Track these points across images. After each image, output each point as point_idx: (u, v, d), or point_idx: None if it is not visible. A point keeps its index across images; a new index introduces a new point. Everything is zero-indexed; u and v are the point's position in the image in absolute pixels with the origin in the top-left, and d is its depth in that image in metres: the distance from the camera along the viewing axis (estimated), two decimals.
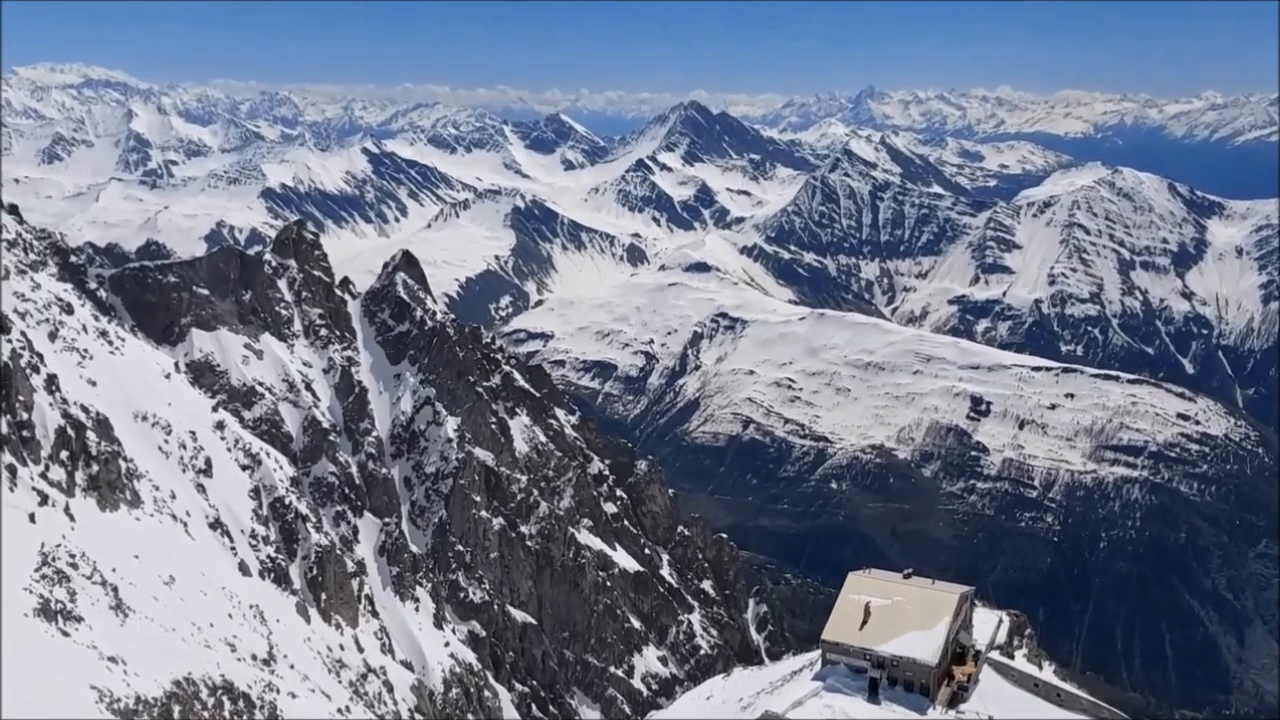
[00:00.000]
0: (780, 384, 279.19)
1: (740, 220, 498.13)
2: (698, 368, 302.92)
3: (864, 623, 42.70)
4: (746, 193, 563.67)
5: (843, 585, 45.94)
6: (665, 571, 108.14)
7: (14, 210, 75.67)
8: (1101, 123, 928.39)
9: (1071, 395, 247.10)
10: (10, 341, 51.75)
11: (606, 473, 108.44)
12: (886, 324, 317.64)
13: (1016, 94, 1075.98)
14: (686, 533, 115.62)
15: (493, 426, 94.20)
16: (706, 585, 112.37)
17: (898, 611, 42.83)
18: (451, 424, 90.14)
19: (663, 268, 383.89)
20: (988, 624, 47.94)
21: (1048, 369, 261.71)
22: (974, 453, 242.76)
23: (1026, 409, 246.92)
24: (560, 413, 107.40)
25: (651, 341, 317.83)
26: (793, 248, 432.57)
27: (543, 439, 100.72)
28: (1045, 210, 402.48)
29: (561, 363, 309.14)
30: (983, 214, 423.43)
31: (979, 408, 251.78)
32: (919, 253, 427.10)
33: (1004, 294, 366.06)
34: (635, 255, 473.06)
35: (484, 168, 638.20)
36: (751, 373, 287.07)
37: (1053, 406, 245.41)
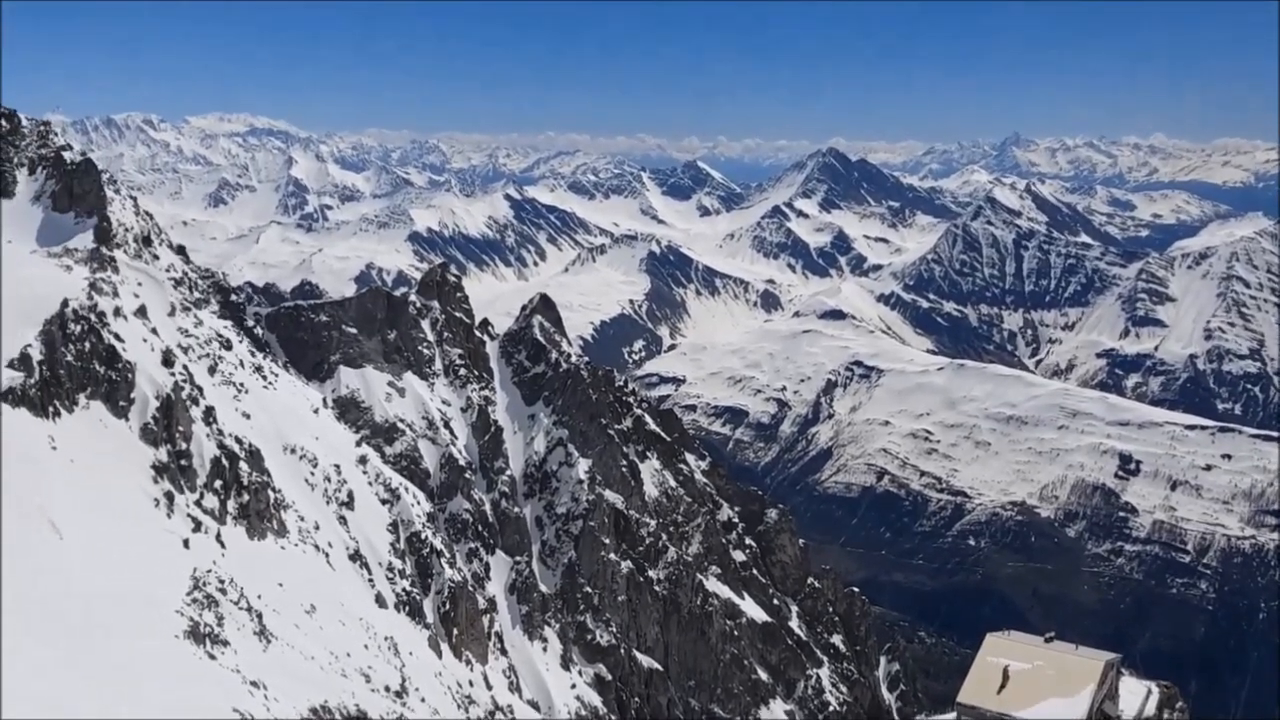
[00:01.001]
0: (917, 435, 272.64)
1: (878, 268, 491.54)
2: (831, 416, 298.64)
3: (1002, 686, 40.81)
4: (884, 240, 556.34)
5: (980, 646, 44.12)
6: (794, 623, 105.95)
7: (181, 250, 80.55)
8: (1263, 172, 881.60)
9: (1229, 456, 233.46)
10: (174, 375, 54.81)
11: (736, 520, 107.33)
12: (1030, 376, 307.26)
13: (1171, 142, 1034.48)
14: (817, 585, 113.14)
15: (623, 469, 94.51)
16: (837, 640, 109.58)
17: (1038, 677, 40.83)
18: (583, 465, 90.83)
19: (797, 314, 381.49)
20: (1135, 695, 45.20)
21: (1203, 428, 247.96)
22: (1122, 513, 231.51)
23: (1179, 469, 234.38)
24: (691, 458, 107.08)
25: (784, 388, 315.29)
26: (932, 296, 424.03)
27: (673, 483, 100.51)
28: (1201, 262, 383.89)
29: (693, 407, 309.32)
30: (1134, 265, 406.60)
31: (1128, 466, 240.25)
32: (1065, 304, 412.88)
33: (1156, 348, 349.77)
34: (769, 301, 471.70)
35: (621, 213, 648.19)
36: (887, 423, 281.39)
37: (1208, 467, 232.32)
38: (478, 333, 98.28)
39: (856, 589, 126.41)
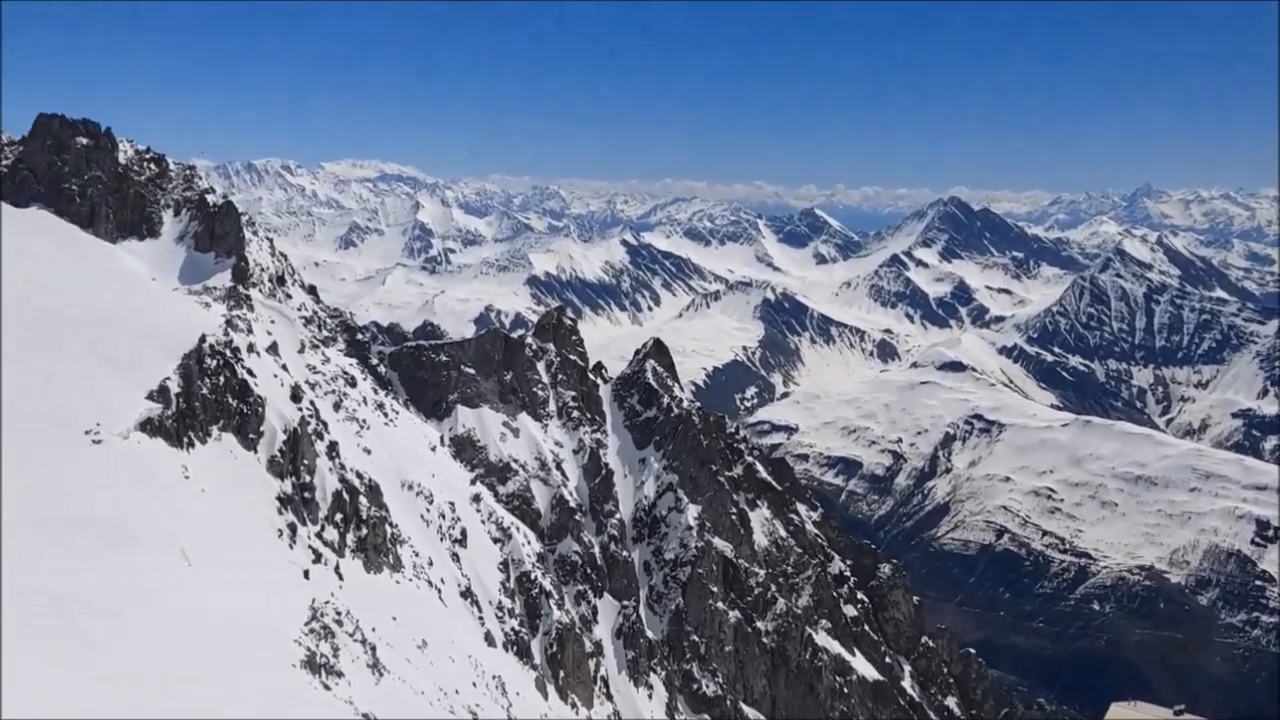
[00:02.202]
0: (1039, 493, 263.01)
1: (999, 319, 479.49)
2: (948, 470, 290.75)
3: None
4: (1007, 291, 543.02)
5: (1104, 716, 42.04)
6: (907, 683, 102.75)
7: (312, 290, 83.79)
8: None
9: None
10: (301, 410, 56.76)
11: (848, 574, 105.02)
12: (1160, 435, 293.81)
13: None
14: (931, 644, 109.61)
15: (733, 517, 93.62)
16: (951, 703, 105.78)
17: None
18: (692, 512, 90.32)
19: (914, 365, 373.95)
20: None
21: None
22: (1259, 582, 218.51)
23: None
24: (802, 508, 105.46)
25: (900, 440, 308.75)
26: (1056, 350, 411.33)
27: (783, 533, 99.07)
28: None
29: (805, 457, 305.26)
30: (1273, 322, 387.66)
31: (1265, 533, 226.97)
32: (1198, 361, 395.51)
33: None
34: (886, 351, 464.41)
35: (736, 260, 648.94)
36: (1007, 479, 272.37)
37: None
38: (591, 376, 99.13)
39: (973, 650, 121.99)
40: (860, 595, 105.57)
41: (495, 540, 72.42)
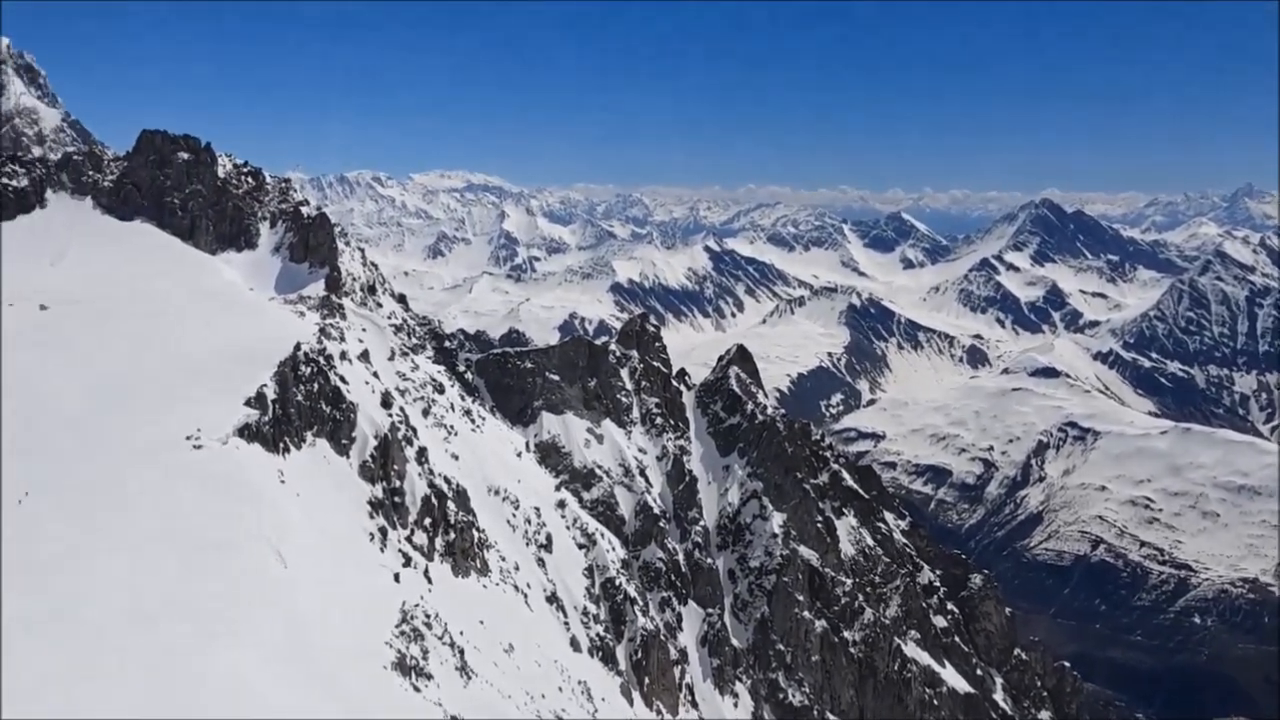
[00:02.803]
0: (1136, 503, 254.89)
1: (1094, 324, 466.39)
2: (1041, 479, 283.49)
3: None
4: (1102, 295, 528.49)
5: None
6: (999, 696, 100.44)
7: (402, 299, 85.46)
8: None
9: None
10: (391, 416, 57.88)
11: (937, 584, 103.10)
12: (1265, 444, 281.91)
13: None
14: (1024, 656, 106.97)
15: (818, 525, 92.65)
16: (1044, 716, 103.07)
17: None
18: (777, 519, 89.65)
19: (1005, 371, 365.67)
20: None
21: None
22: None
23: None
24: (889, 517, 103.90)
25: (991, 448, 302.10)
26: (1154, 355, 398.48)
27: (870, 542, 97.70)
28: None
29: (892, 465, 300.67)
30: None
31: None
32: None
33: None
34: (975, 357, 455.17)
35: (821, 265, 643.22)
36: (1103, 488, 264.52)
37: None
38: (675, 382, 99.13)
39: (1067, 664, 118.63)
40: (950, 606, 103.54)
41: (580, 546, 72.85)
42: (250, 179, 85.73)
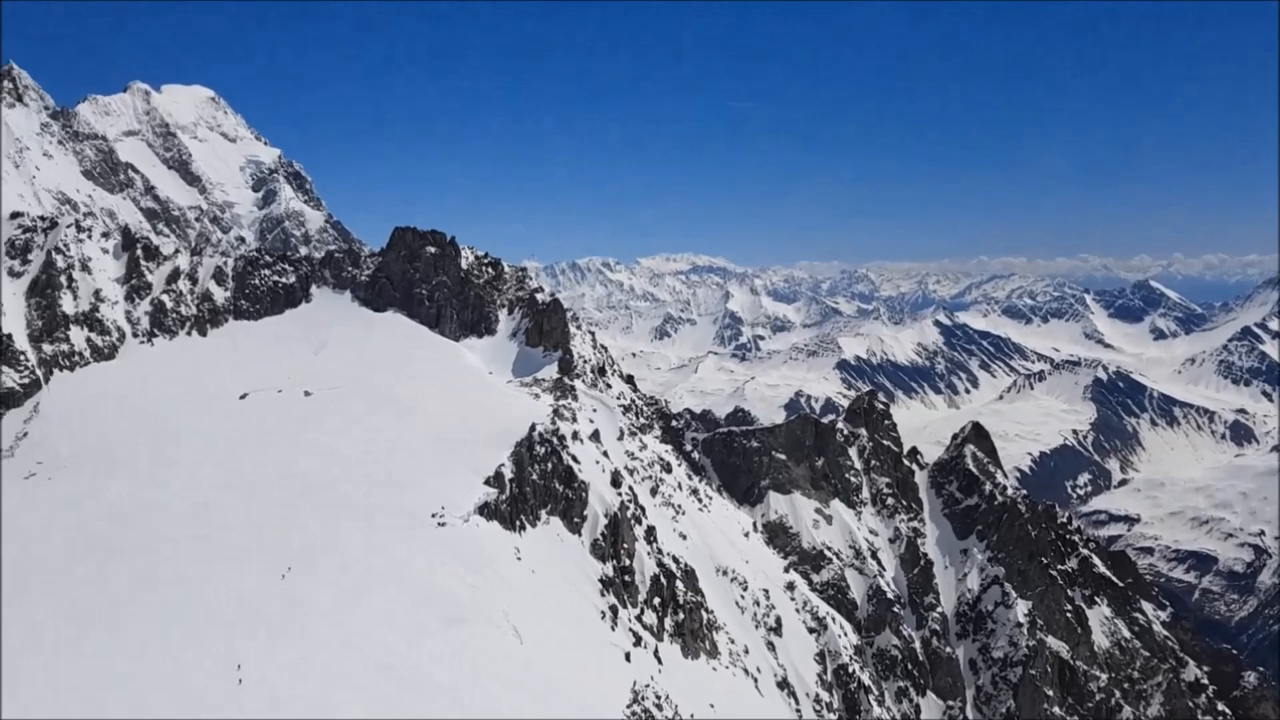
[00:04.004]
0: None
1: None
2: None
3: None
4: None
5: None
6: None
7: (630, 380, 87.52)
8: None
9: None
10: (621, 495, 58.90)
11: (1205, 682, 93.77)
12: None
13: None
14: None
15: (1068, 615, 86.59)
16: None
17: None
18: (1022, 607, 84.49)
19: (1276, 449, 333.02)
20: None
21: None
22: None
23: None
24: (1148, 607, 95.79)
25: (1262, 533, 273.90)
26: None
27: (1126, 634, 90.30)
28: None
29: (1149, 550, 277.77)
30: None
31: None
32: None
33: None
34: (1240, 433, 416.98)
35: (1061, 338, 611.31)
36: None
37: None
38: (906, 461, 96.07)
39: None
40: (1221, 706, 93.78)
41: (811, 630, 71.03)
42: (490, 269, 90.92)
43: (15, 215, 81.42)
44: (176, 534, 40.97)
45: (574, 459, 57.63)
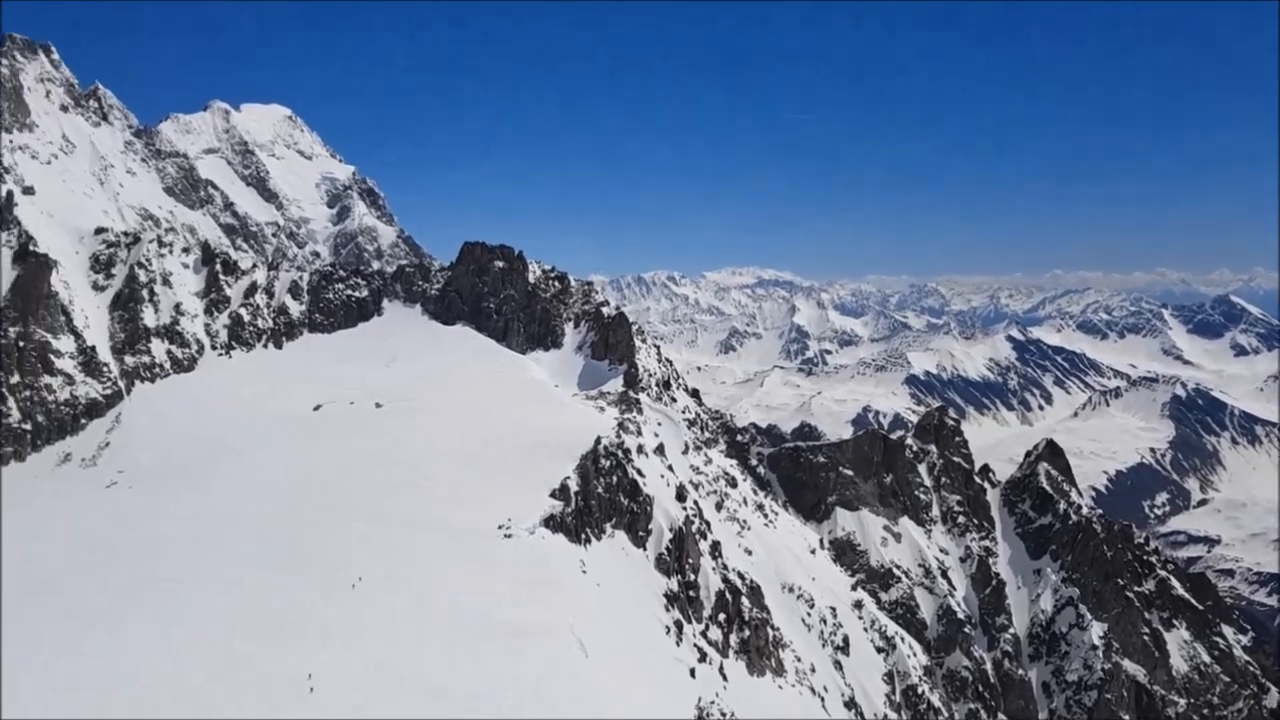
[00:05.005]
0: None
1: None
2: None
3: None
4: None
5: None
6: None
7: (695, 394, 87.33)
8: None
9: None
10: (685, 509, 58.71)
11: None
12: None
13: None
14: None
15: (1144, 638, 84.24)
16: None
17: None
18: (1097, 630, 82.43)
19: None
20: None
21: None
22: None
23: None
24: (1228, 630, 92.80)
25: None
26: None
27: (1206, 659, 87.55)
28: None
29: (1230, 572, 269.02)
30: None
31: None
32: None
33: None
34: None
35: (1138, 354, 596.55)
36: None
37: None
38: (977, 479, 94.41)
39: None
40: None
41: (879, 650, 69.99)
42: (557, 283, 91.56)
43: (100, 231, 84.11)
44: (249, 544, 41.85)
45: (639, 472, 57.63)
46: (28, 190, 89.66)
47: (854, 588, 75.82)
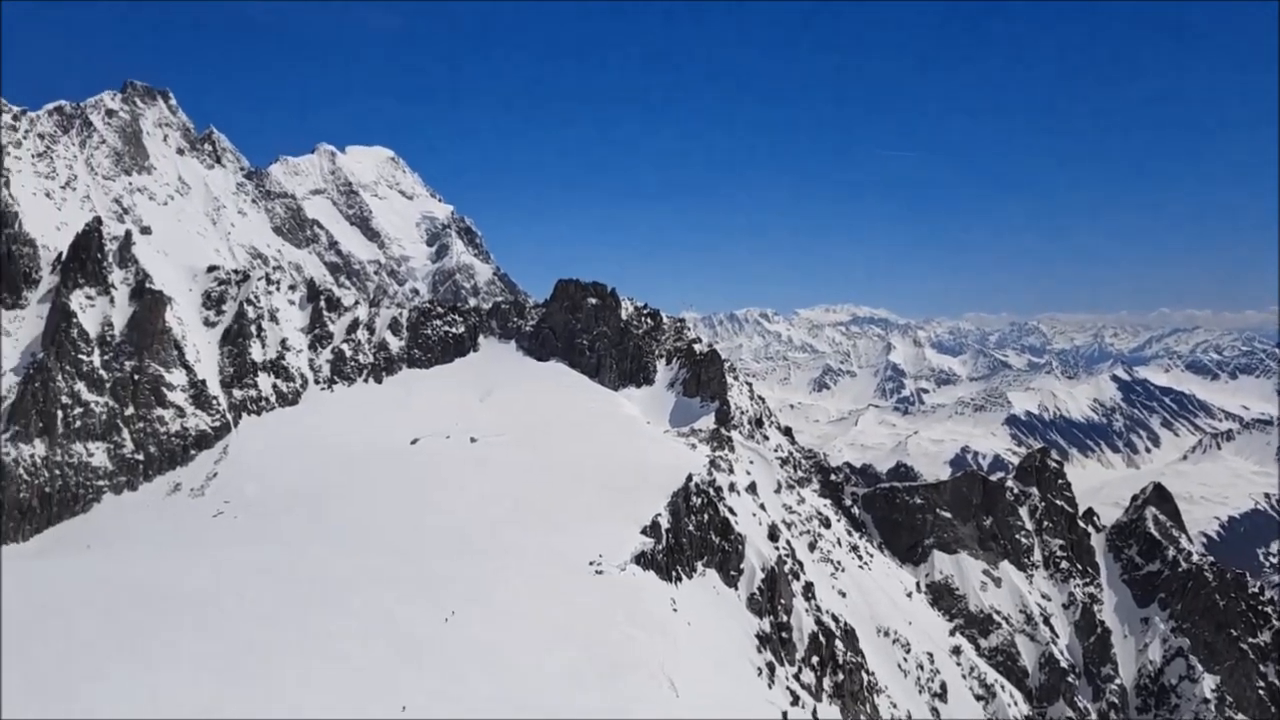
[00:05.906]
0: None
1: None
2: None
3: None
4: None
5: None
6: None
7: (788, 432, 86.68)
8: None
9: None
10: (778, 549, 58.17)
11: None
12: None
13: None
14: None
15: (1260, 692, 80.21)
16: None
17: None
18: (1209, 682, 78.79)
19: None
20: None
21: None
22: None
23: None
24: None
25: None
26: None
27: None
28: None
29: None
30: None
31: None
32: None
33: None
34: None
35: (1252, 395, 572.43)
36: None
37: None
38: (1081, 523, 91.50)
39: None
40: None
41: (978, 698, 68.01)
42: (649, 320, 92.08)
43: (212, 269, 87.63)
44: (346, 574, 42.77)
45: (730, 510, 57.37)
46: (145, 230, 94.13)
47: (952, 633, 73.95)
